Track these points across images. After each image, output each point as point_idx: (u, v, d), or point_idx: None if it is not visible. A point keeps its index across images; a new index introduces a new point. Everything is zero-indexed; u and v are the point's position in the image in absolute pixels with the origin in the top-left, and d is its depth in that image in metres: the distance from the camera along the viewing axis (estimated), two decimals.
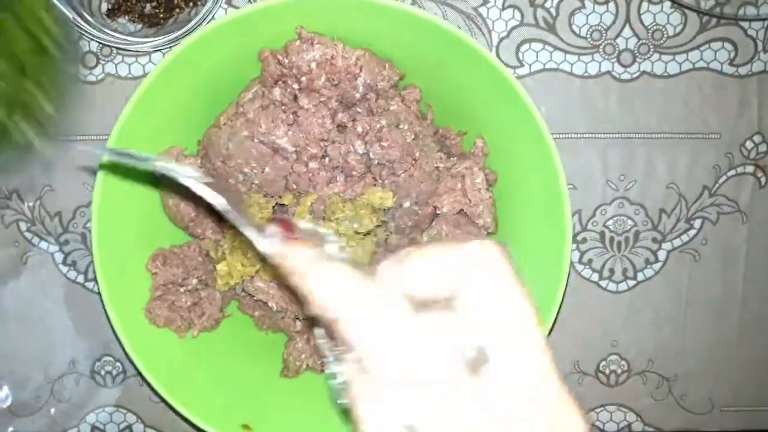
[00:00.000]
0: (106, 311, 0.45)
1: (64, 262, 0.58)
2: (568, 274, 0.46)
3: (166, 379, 0.46)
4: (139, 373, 0.46)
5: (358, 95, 0.47)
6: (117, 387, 0.59)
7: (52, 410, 0.59)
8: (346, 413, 0.24)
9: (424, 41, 0.45)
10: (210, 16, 0.53)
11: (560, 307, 0.47)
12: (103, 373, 0.59)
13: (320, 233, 0.29)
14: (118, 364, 0.59)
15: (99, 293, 0.45)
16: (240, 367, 0.50)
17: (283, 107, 0.46)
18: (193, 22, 0.52)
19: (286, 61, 0.45)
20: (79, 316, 0.58)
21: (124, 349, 0.46)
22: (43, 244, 0.57)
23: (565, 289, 0.47)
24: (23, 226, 0.57)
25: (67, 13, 0.47)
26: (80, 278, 0.58)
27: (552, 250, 0.46)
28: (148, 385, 0.46)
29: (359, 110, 0.48)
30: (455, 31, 0.44)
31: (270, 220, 0.29)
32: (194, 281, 0.49)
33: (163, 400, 0.46)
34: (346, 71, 0.45)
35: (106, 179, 0.44)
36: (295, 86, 0.46)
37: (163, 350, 0.47)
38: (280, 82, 0.45)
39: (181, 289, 0.48)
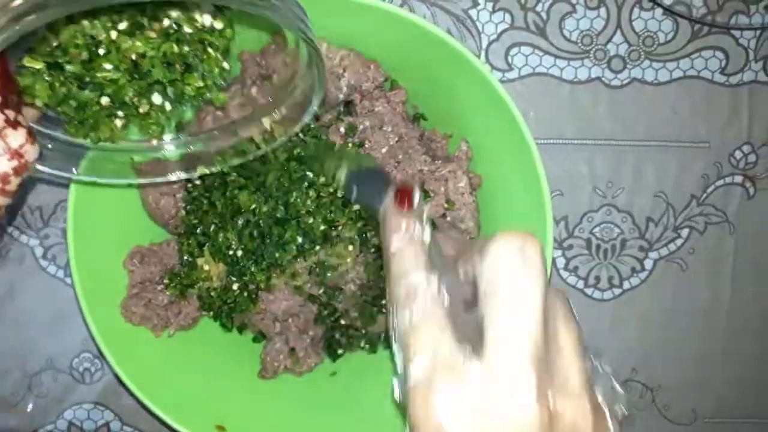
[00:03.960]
0: (80, 307, 0.44)
1: (44, 257, 0.57)
2: (551, 280, 0.46)
3: (139, 377, 0.45)
4: (115, 374, 0.45)
5: (341, 96, 0.46)
6: (95, 384, 0.58)
7: (30, 406, 0.58)
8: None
9: (411, 43, 0.45)
10: None
11: None
12: (81, 369, 0.58)
13: (424, 210, 0.32)
14: (96, 361, 0.58)
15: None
16: (217, 367, 0.50)
17: None
18: None
19: (264, 63, 0.44)
20: (58, 312, 0.57)
21: (97, 346, 0.45)
22: (23, 238, 0.57)
23: None
24: (4, 219, 0.56)
25: None
26: (60, 273, 0.57)
27: None
28: (121, 382, 0.45)
29: (343, 110, 0.48)
30: (441, 34, 0.43)
31: (397, 187, 0.33)
32: None
33: (136, 398, 0.45)
34: (329, 71, 0.45)
35: (83, 173, 0.43)
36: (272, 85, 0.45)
37: (139, 348, 0.47)
38: (257, 81, 0.45)
39: (159, 288, 0.48)
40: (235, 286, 0.47)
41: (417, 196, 0.32)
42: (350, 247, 0.46)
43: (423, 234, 0.31)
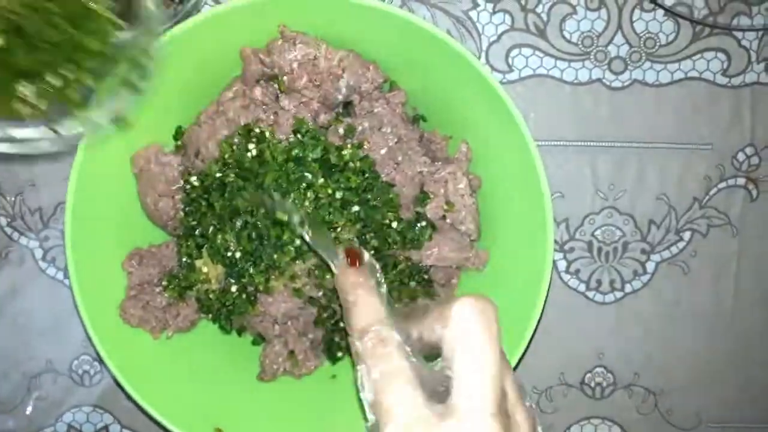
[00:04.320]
0: (77, 309, 0.44)
1: (43, 259, 0.57)
2: (553, 283, 0.46)
3: (137, 380, 0.45)
4: (114, 378, 0.45)
5: (340, 97, 0.46)
6: (95, 387, 0.58)
7: (29, 409, 0.58)
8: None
9: (410, 44, 0.44)
10: (195, 12, 0.52)
11: (545, 316, 0.46)
12: (80, 372, 0.58)
13: (376, 266, 0.35)
14: (96, 363, 0.58)
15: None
16: (215, 369, 0.50)
17: (264, 107, 0.45)
18: (178, 17, 0.51)
19: (268, 60, 0.44)
20: (57, 314, 0.57)
21: (95, 349, 0.45)
22: (23, 240, 0.57)
23: (550, 298, 0.46)
24: (3, 221, 0.56)
25: None
26: (60, 275, 0.57)
27: (534, 258, 0.45)
28: (119, 385, 0.45)
29: (341, 112, 0.47)
30: (441, 35, 0.43)
31: (345, 249, 0.36)
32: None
33: (133, 400, 0.45)
34: (328, 72, 0.45)
35: (81, 175, 0.43)
36: (276, 86, 0.45)
37: (137, 351, 0.47)
38: (261, 82, 0.44)
39: (157, 289, 0.48)
40: (233, 288, 0.47)
41: (365, 254, 0.35)
42: None
43: (379, 288, 0.33)
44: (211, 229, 0.46)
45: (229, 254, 0.46)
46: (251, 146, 0.45)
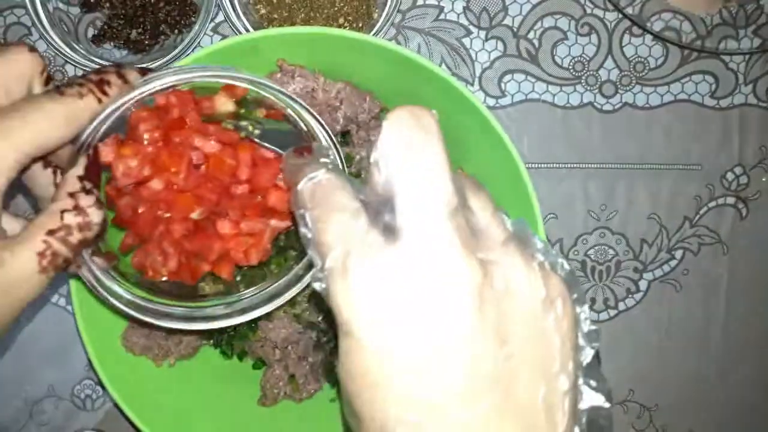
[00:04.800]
0: (80, 337, 0.45)
1: (48, 285, 0.57)
2: None
3: (140, 406, 0.46)
4: (115, 403, 0.46)
5: (338, 127, 0.47)
6: (97, 411, 0.59)
7: None
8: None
9: (403, 74, 0.45)
10: (195, 43, 0.53)
11: None
12: (83, 396, 0.59)
13: (324, 148, 0.31)
14: (98, 388, 0.58)
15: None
16: (217, 394, 0.50)
17: None
18: (178, 49, 0.52)
19: None
20: (60, 339, 0.58)
21: (98, 377, 0.46)
22: None
23: None
24: None
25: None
26: (62, 301, 0.58)
27: None
28: (120, 410, 0.46)
29: (340, 141, 0.48)
30: (430, 66, 0.44)
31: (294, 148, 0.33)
32: None
33: (135, 425, 0.46)
34: (326, 104, 0.46)
35: None
36: None
37: (139, 376, 0.47)
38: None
39: None
40: None
41: (313, 145, 0.32)
42: None
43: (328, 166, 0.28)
44: None
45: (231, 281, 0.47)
46: None
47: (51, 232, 0.30)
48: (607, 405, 0.26)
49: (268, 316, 0.47)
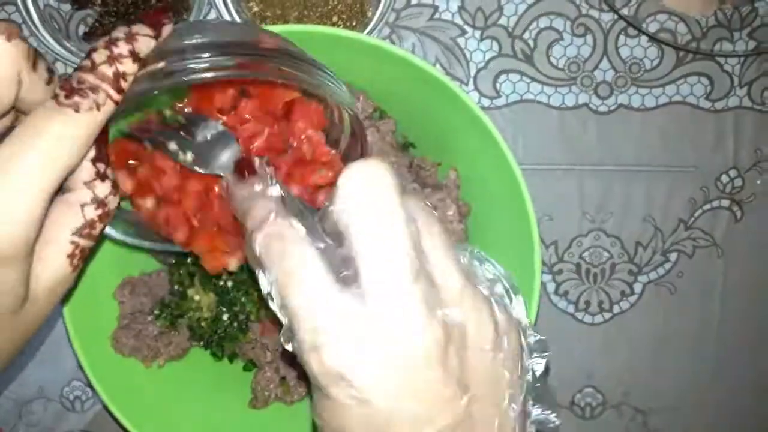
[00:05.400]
0: (69, 338, 0.44)
1: None
2: (542, 304, 0.46)
3: (129, 408, 0.45)
4: (104, 405, 0.45)
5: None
6: (86, 413, 0.58)
7: None
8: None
9: (397, 74, 0.45)
10: None
11: None
12: (72, 398, 0.58)
13: (266, 170, 0.32)
14: (87, 389, 0.58)
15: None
16: (207, 396, 0.50)
17: None
18: None
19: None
20: (49, 340, 0.57)
21: (87, 378, 0.45)
22: None
23: (539, 320, 0.47)
24: None
25: None
26: None
27: (523, 281, 0.46)
28: (109, 411, 0.45)
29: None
30: (424, 65, 0.44)
31: (234, 163, 0.34)
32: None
33: (124, 427, 0.45)
34: None
35: None
36: None
37: (129, 380, 0.47)
38: None
39: (149, 318, 0.48)
40: (225, 317, 0.47)
41: (256, 161, 0.32)
42: None
43: (272, 190, 0.30)
44: None
45: (221, 283, 0.46)
46: None
47: (75, 231, 0.29)
48: (554, 419, 0.29)
49: (259, 318, 0.47)
